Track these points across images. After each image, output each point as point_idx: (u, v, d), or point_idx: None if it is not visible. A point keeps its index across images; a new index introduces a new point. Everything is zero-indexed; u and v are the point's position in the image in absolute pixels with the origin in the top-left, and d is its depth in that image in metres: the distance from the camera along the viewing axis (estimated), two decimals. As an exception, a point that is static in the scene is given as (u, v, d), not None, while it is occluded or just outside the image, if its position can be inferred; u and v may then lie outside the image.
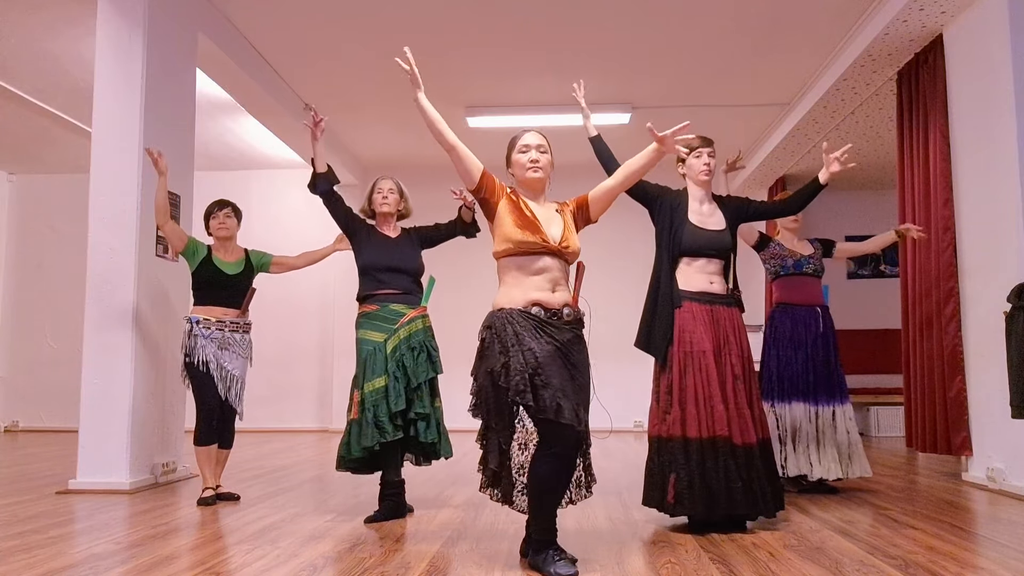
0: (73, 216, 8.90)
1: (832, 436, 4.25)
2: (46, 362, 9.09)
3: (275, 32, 5.77)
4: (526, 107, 7.15)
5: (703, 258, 3.43)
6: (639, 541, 3.11)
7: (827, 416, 4.28)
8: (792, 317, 4.40)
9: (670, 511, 3.25)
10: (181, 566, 2.70)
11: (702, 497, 3.16)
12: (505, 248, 2.67)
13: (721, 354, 3.32)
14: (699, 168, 3.54)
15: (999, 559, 2.76)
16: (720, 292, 3.42)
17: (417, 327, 3.74)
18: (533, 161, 2.76)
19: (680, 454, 3.21)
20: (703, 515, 3.20)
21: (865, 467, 4.27)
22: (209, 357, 4.10)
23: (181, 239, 4.23)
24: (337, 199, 3.81)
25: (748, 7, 5.38)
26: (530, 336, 2.55)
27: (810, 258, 4.50)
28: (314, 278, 9.27)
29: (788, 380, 4.29)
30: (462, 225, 3.89)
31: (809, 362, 4.32)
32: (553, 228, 2.72)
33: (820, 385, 4.30)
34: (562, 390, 2.52)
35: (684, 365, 3.29)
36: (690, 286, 3.40)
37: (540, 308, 2.61)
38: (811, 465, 4.20)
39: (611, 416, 3.19)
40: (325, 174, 3.78)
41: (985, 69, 4.49)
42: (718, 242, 3.45)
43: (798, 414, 4.27)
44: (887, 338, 8.50)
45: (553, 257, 2.67)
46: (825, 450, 4.22)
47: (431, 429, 3.70)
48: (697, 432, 3.20)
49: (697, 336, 3.30)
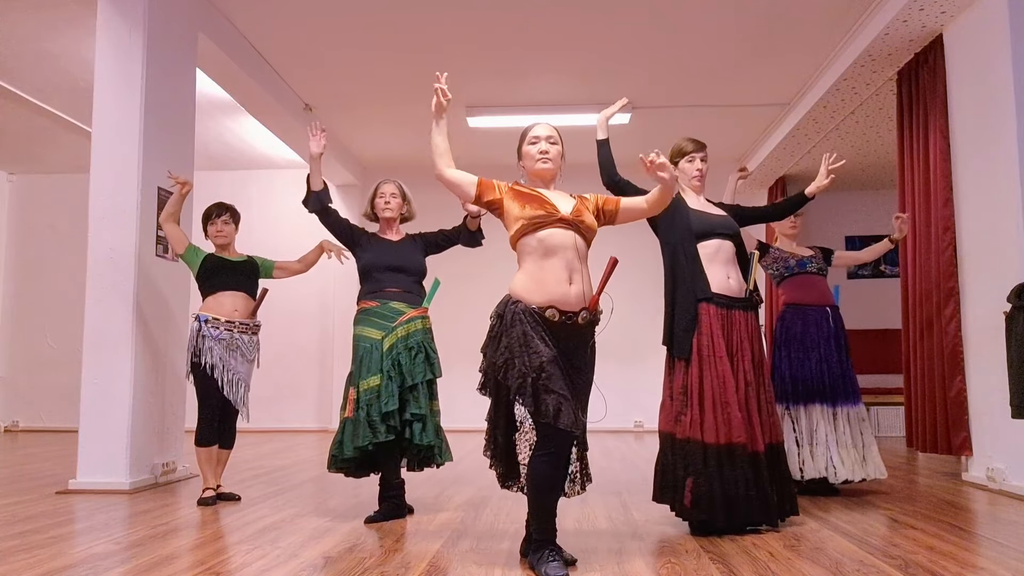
0: (73, 216, 8.90)
1: (849, 438, 4.21)
2: (46, 362, 9.09)
3: (275, 32, 5.77)
4: (526, 107, 7.15)
5: (716, 239, 3.40)
6: (639, 541, 3.11)
7: (844, 417, 4.24)
8: (803, 318, 4.35)
9: (686, 515, 3.22)
10: (181, 566, 2.70)
11: (722, 505, 3.13)
12: (519, 227, 2.64)
13: (734, 360, 3.31)
14: (691, 173, 3.54)
15: (999, 559, 2.76)
16: (737, 293, 3.39)
17: (416, 327, 3.68)
18: (543, 152, 2.77)
19: (698, 459, 3.17)
20: (723, 521, 3.16)
21: (881, 469, 4.21)
22: (216, 359, 4.06)
23: (181, 243, 4.22)
24: (332, 214, 3.77)
25: (748, 7, 5.38)
26: (538, 338, 2.53)
27: (811, 258, 4.49)
28: (314, 279, 9.26)
29: (803, 382, 4.23)
30: (467, 234, 3.81)
31: (823, 363, 4.26)
32: (564, 204, 2.71)
33: (836, 386, 4.26)
34: (563, 395, 2.50)
35: (701, 367, 3.25)
36: (713, 285, 3.36)
37: (555, 311, 2.58)
38: (835, 467, 4.12)
39: (607, 406, 3.16)
40: (318, 193, 3.72)
41: (985, 69, 4.49)
42: (725, 223, 3.45)
43: (816, 416, 4.21)
44: (887, 338, 8.50)
45: (567, 230, 2.63)
46: (847, 451, 4.19)
47: (427, 432, 3.61)
48: (715, 438, 3.16)
49: (715, 339, 3.28)
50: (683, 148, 3.59)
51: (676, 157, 3.60)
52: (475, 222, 3.78)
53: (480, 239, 3.86)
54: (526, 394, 2.50)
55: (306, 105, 7.19)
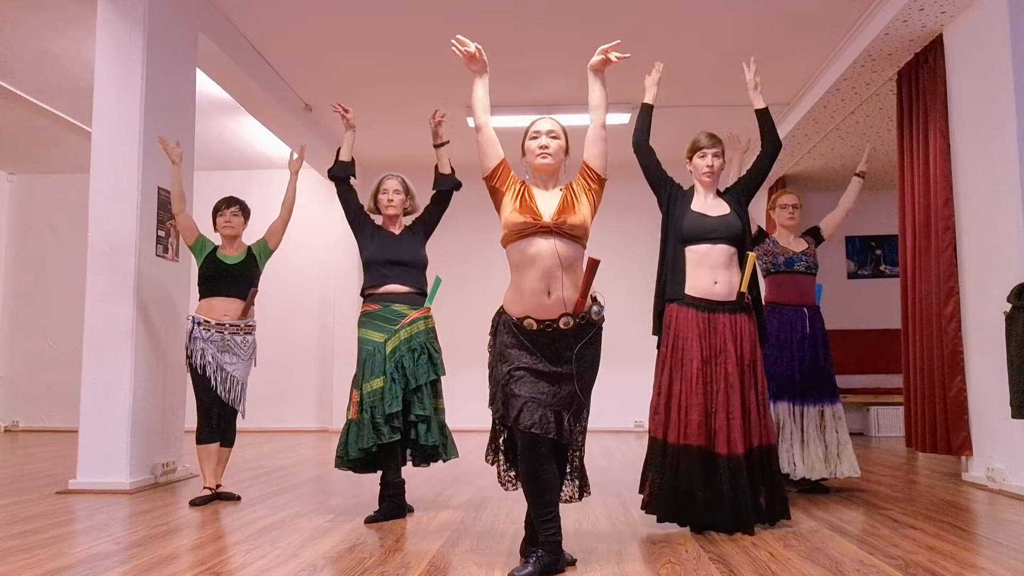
0: (73, 216, 8.89)
1: (819, 436, 4.24)
2: (46, 362, 9.08)
3: (275, 32, 5.77)
4: (527, 107, 7.13)
5: (706, 243, 3.40)
6: (639, 541, 3.12)
7: (813, 416, 4.26)
8: (779, 317, 4.38)
9: (645, 510, 3.37)
10: (181, 566, 2.70)
11: (668, 503, 3.26)
12: (504, 234, 2.68)
13: (716, 363, 3.32)
14: (702, 168, 3.54)
15: (999, 559, 2.76)
16: (722, 297, 3.36)
17: (419, 328, 3.72)
18: (542, 147, 2.77)
19: (659, 456, 3.31)
20: (670, 520, 3.31)
21: (854, 467, 4.24)
22: (208, 359, 4.13)
23: (192, 233, 4.31)
24: (350, 189, 3.90)
25: (748, 7, 5.38)
26: (516, 347, 2.61)
27: (802, 255, 4.47)
28: (315, 279, 9.28)
29: (774, 380, 4.23)
30: (439, 177, 3.88)
31: (794, 362, 4.30)
32: (549, 208, 2.67)
33: (807, 385, 4.28)
34: (531, 398, 2.54)
35: (673, 370, 3.34)
36: (693, 288, 3.39)
37: (532, 320, 2.60)
38: (794, 465, 4.17)
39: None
40: (346, 163, 3.89)
41: (985, 69, 4.49)
42: (720, 226, 3.43)
43: (782, 413, 4.25)
44: (887, 338, 8.48)
45: (547, 237, 2.60)
46: (809, 449, 4.21)
47: (432, 432, 3.67)
48: (675, 438, 3.27)
49: (688, 343, 3.33)
50: (696, 143, 3.60)
51: (690, 152, 3.60)
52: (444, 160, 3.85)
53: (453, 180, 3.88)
54: (496, 400, 2.62)
55: (306, 105, 7.18)
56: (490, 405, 2.70)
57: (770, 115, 3.71)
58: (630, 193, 8.94)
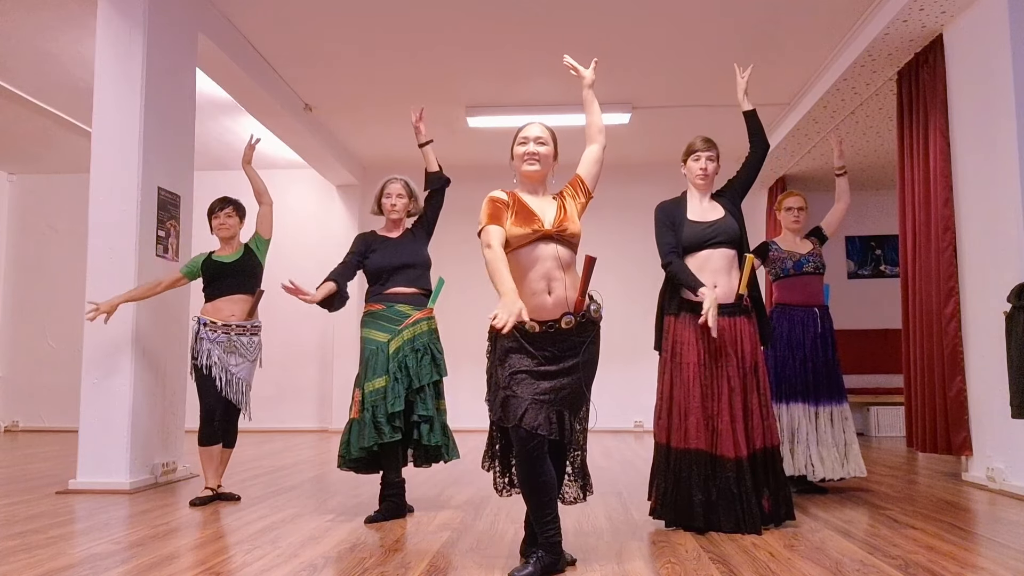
0: (73, 216, 8.90)
1: (831, 436, 4.26)
2: (46, 362, 9.08)
3: (275, 32, 5.77)
4: (526, 107, 7.14)
5: (705, 250, 3.42)
6: (639, 541, 3.12)
7: (827, 416, 4.29)
8: (790, 318, 4.39)
9: (653, 515, 3.39)
10: (181, 566, 2.70)
11: (674, 507, 3.28)
12: (509, 247, 2.68)
13: (717, 366, 3.33)
14: (696, 171, 3.55)
15: (999, 559, 2.76)
16: (723, 300, 3.37)
17: (422, 328, 3.74)
18: (530, 154, 2.76)
19: (663, 461, 3.34)
20: (677, 525, 3.32)
21: (861, 467, 4.26)
22: (213, 360, 4.14)
23: (180, 279, 4.40)
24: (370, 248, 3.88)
25: (748, 7, 5.38)
26: (517, 352, 2.61)
27: (810, 256, 4.48)
28: (315, 279, 9.25)
29: (786, 381, 4.28)
30: (428, 178, 3.91)
31: (808, 362, 4.31)
32: (548, 215, 2.72)
33: (820, 385, 4.30)
34: (535, 400, 2.55)
35: (672, 375, 3.36)
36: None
37: (534, 323, 2.61)
38: (813, 465, 4.18)
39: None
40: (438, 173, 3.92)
41: (985, 69, 4.49)
42: (717, 229, 3.44)
43: (797, 414, 4.26)
44: (887, 338, 8.50)
45: (548, 243, 2.65)
46: (827, 450, 4.22)
47: (434, 432, 3.69)
48: (677, 442, 3.30)
49: (686, 348, 3.35)
50: (691, 146, 3.60)
51: (685, 155, 3.61)
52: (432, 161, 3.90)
53: (442, 178, 3.92)
54: (496, 404, 2.62)
55: (306, 105, 7.18)
56: (489, 410, 2.71)
57: (758, 117, 3.71)
58: (627, 191, 8.97)
